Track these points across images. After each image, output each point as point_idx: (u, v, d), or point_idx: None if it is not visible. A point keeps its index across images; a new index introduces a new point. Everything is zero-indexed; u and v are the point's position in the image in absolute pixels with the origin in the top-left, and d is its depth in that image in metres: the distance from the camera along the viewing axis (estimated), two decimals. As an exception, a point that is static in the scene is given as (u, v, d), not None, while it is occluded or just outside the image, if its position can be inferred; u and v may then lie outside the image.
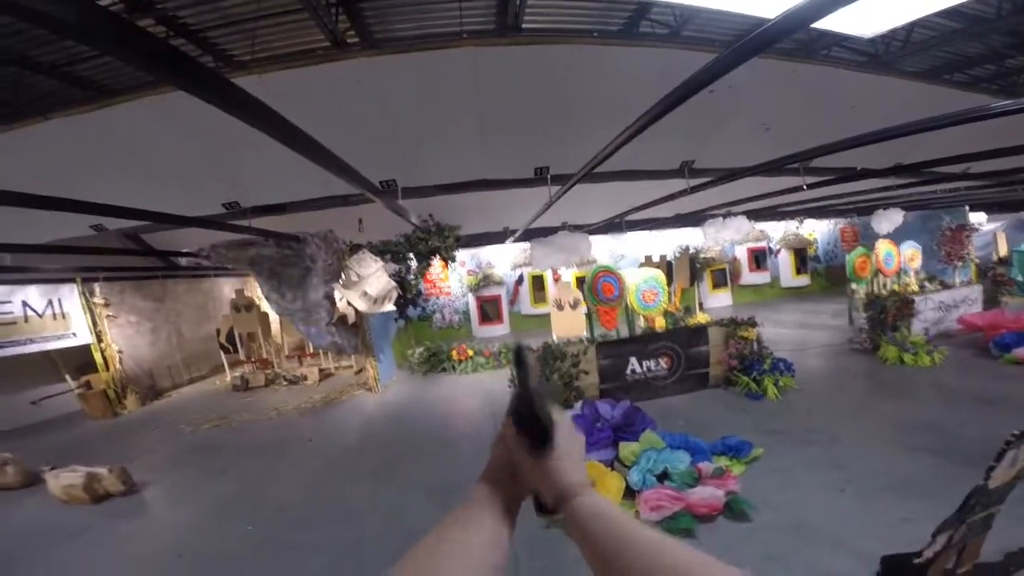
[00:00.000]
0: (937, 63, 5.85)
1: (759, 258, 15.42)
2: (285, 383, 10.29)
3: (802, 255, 15.43)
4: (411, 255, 7.80)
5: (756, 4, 3.26)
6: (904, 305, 8.59)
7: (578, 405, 5.70)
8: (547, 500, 0.73)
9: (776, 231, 15.62)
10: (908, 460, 4.55)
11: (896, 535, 3.28)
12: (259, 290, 9.60)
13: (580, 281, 12.73)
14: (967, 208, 12.85)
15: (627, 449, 4.72)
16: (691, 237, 13.85)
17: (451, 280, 12.52)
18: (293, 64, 3.97)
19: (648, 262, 12.76)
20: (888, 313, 8.50)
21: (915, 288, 9.25)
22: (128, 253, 7.63)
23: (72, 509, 5.32)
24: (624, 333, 7.45)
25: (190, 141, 4.84)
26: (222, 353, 11.18)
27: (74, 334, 9.36)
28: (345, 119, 4.56)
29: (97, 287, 9.74)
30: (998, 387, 6.40)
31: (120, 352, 10.02)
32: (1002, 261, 13.09)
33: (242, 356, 11.19)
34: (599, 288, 7.37)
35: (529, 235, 9.62)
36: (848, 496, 4.07)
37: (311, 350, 10.97)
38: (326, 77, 4.07)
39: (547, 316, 12.26)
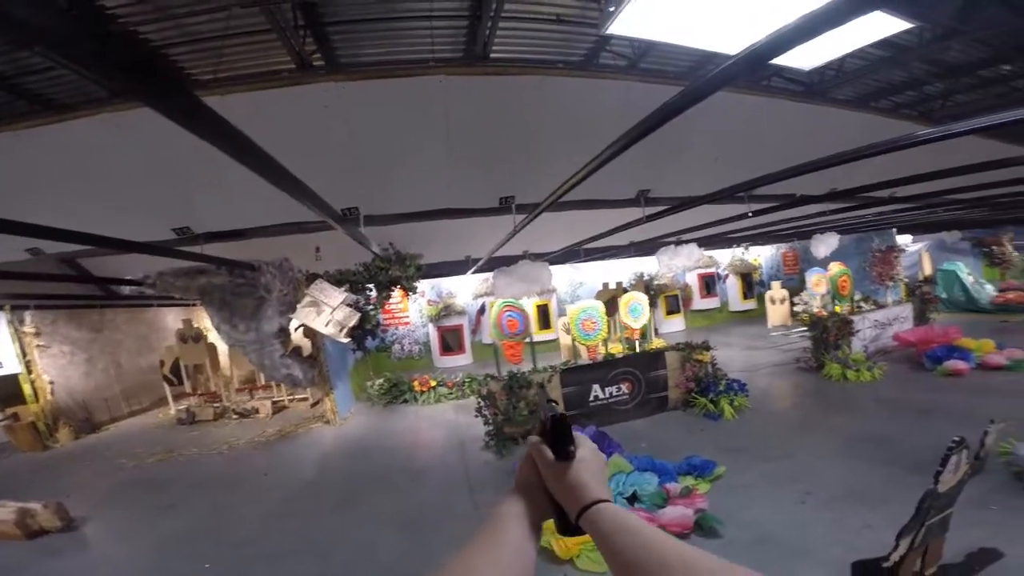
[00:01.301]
0: (866, 91, 6.37)
1: (709, 284, 16.05)
2: (236, 416, 9.77)
3: (748, 280, 16.16)
4: (370, 285, 7.64)
5: (711, 39, 3.50)
6: (843, 325, 9.11)
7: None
8: (571, 514, 0.74)
9: (724, 257, 16.25)
10: (861, 470, 4.79)
11: (859, 541, 3.44)
12: (208, 320, 9.17)
13: (540, 309, 12.90)
14: (895, 231, 13.86)
15: None
16: (645, 265, 14.25)
17: (411, 310, 12.38)
18: (257, 85, 3.90)
19: (605, 289, 13.04)
20: (830, 333, 8.99)
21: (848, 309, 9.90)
22: (64, 280, 7.13)
23: (2, 545, 4.91)
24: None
25: (140, 162, 4.63)
26: (166, 385, 10.55)
27: (0, 364, 8.71)
28: (309, 144, 4.49)
29: (28, 315, 9.11)
30: (934, 398, 6.86)
31: (51, 383, 9.37)
32: (928, 280, 14.11)
33: (188, 388, 10.57)
34: (503, 323, 7.38)
35: (491, 264, 9.69)
36: (809, 507, 4.23)
37: (263, 382, 10.49)
38: (291, 100, 4.02)
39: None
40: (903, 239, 15.05)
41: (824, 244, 11.02)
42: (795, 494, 4.48)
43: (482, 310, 12.52)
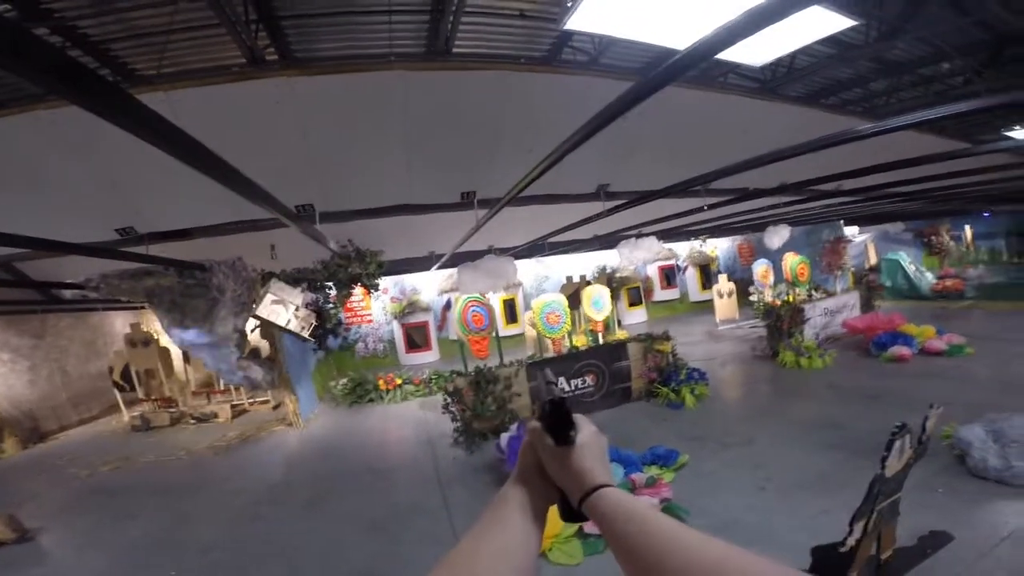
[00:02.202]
0: (815, 88, 6.61)
1: (669, 276, 16.47)
2: (193, 422, 9.41)
3: (706, 271, 16.59)
4: (330, 283, 7.46)
5: (664, 35, 3.55)
6: (796, 313, 9.48)
7: (513, 427, 5.69)
8: (573, 500, 0.73)
9: (683, 250, 16.65)
10: (816, 455, 4.99)
11: (819, 526, 3.56)
12: (158, 324, 8.76)
13: (507, 303, 12.92)
14: (842, 222, 14.46)
15: None
16: (608, 258, 14.43)
17: (374, 308, 12.17)
18: (205, 81, 3.72)
19: (569, 283, 13.17)
20: (783, 321, 9.33)
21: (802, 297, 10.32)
22: (0, 285, 6.68)
23: None
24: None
25: (80, 160, 4.37)
26: (117, 392, 10.05)
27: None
28: (261, 140, 4.32)
29: (-40, 323, 8.50)
30: (880, 383, 7.22)
31: (-8, 392, 8.78)
32: (873, 269, 14.86)
33: (140, 394, 10.11)
34: (469, 318, 7.41)
35: (455, 260, 9.62)
36: (769, 493, 4.38)
37: (221, 386, 10.13)
38: (241, 95, 3.85)
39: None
40: (850, 230, 15.73)
41: (777, 236, 11.42)
42: (756, 480, 4.64)
43: (447, 306, 12.42)
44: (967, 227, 17.67)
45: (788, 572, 0.50)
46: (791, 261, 10.63)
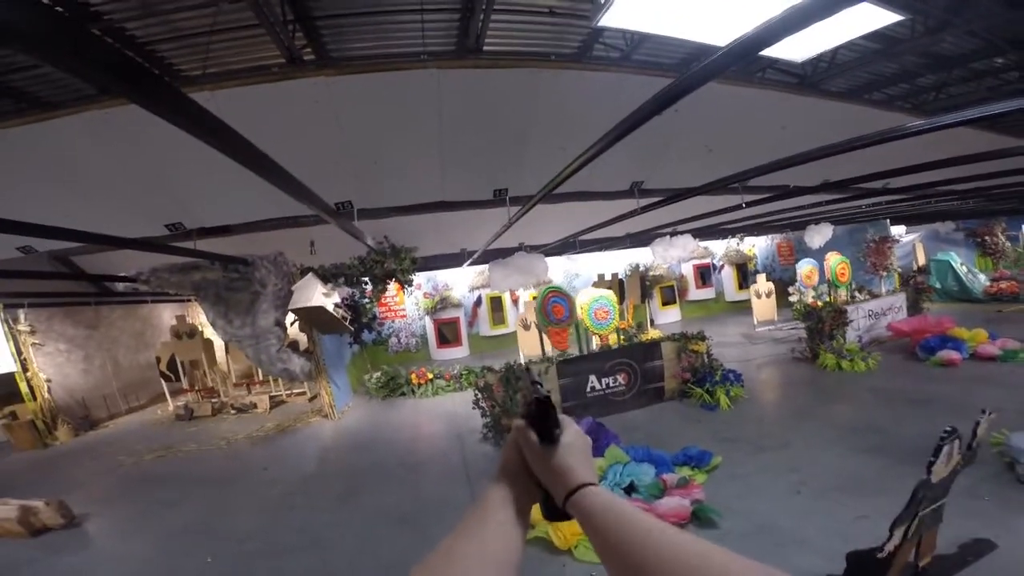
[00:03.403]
0: (859, 83, 6.36)
1: (704, 274, 16.12)
2: (233, 412, 9.77)
3: (743, 270, 16.18)
4: (366, 279, 7.64)
5: (702, 31, 3.49)
6: (838, 315, 9.16)
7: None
8: (558, 498, 0.74)
9: (719, 248, 16.31)
10: (855, 460, 4.83)
11: (854, 532, 3.45)
12: (203, 316, 9.14)
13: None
14: (888, 221, 13.89)
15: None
16: (640, 256, 14.27)
17: (407, 303, 12.38)
18: (247, 81, 3.87)
19: (601, 281, 13.08)
20: (824, 323, 9.03)
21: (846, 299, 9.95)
22: (58, 277, 7.11)
23: (6, 543, 4.94)
24: (576, 352, 7.60)
25: (132, 158, 4.60)
26: (163, 382, 10.55)
27: (-5, 362, 8.68)
28: (300, 138, 4.47)
29: (22, 313, 9.09)
30: (927, 388, 6.91)
31: (48, 381, 9.37)
32: (921, 270, 14.10)
33: (185, 385, 10.57)
34: (549, 309, 7.53)
35: (487, 257, 9.68)
36: (804, 497, 4.26)
37: (260, 377, 10.50)
38: (281, 95, 3.99)
39: (506, 337, 12.44)
40: (897, 230, 15.09)
41: (818, 234, 11.07)
42: (791, 484, 4.52)
43: (478, 302, 12.54)
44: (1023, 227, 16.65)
45: (771, 572, 0.49)
46: (832, 261, 10.28)
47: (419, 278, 12.13)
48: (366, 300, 7.76)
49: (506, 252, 9.58)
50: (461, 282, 12.72)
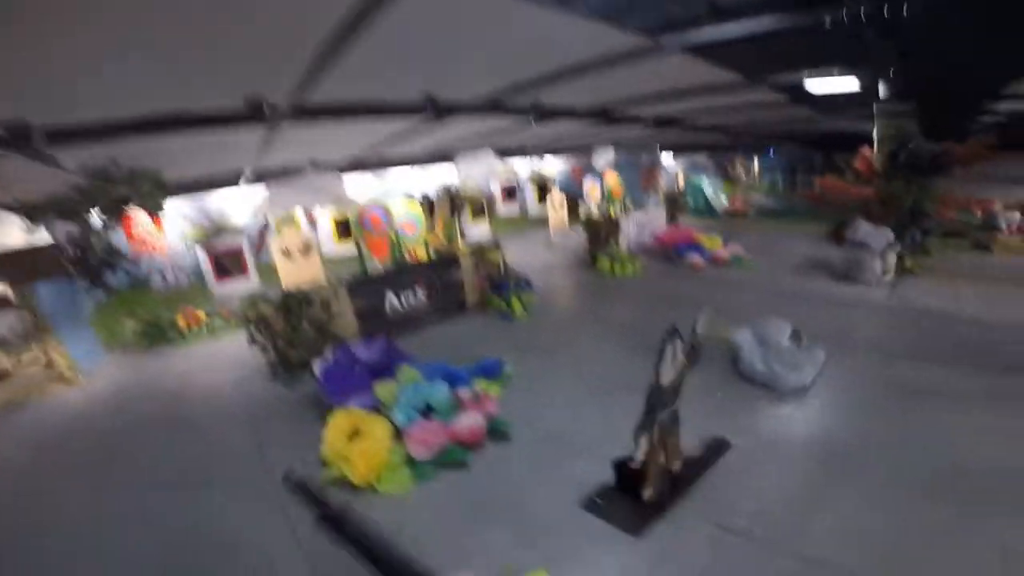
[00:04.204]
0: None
1: (510, 191, 17.30)
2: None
3: (544, 188, 17.28)
4: (92, 210, 5.97)
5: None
6: (613, 225, 10.43)
7: (328, 353, 5.31)
8: None
9: (523, 169, 17.27)
10: (628, 361, 5.35)
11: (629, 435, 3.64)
12: None
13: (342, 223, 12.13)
14: (659, 148, 15.95)
15: (384, 389, 4.58)
16: (450, 174, 14.18)
17: (169, 234, 10.31)
18: None
19: (410, 198, 12.75)
20: (602, 232, 10.19)
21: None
22: None
23: None
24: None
25: None
26: None
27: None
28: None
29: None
30: (679, 287, 8.32)
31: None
32: (680, 191, 17.15)
33: None
34: (367, 219, 7.55)
35: (272, 177, 8.43)
36: (588, 402, 4.67)
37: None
38: None
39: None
40: (666, 159, 17.52)
41: (603, 157, 12.25)
42: (576, 391, 4.92)
43: (265, 227, 11.06)
44: (755, 160, 20.86)
45: None
46: (608, 179, 11.63)
47: (184, 203, 10.22)
48: (93, 236, 6.17)
49: (294, 171, 8.44)
50: (240, 206, 10.97)
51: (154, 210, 6.21)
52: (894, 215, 7.57)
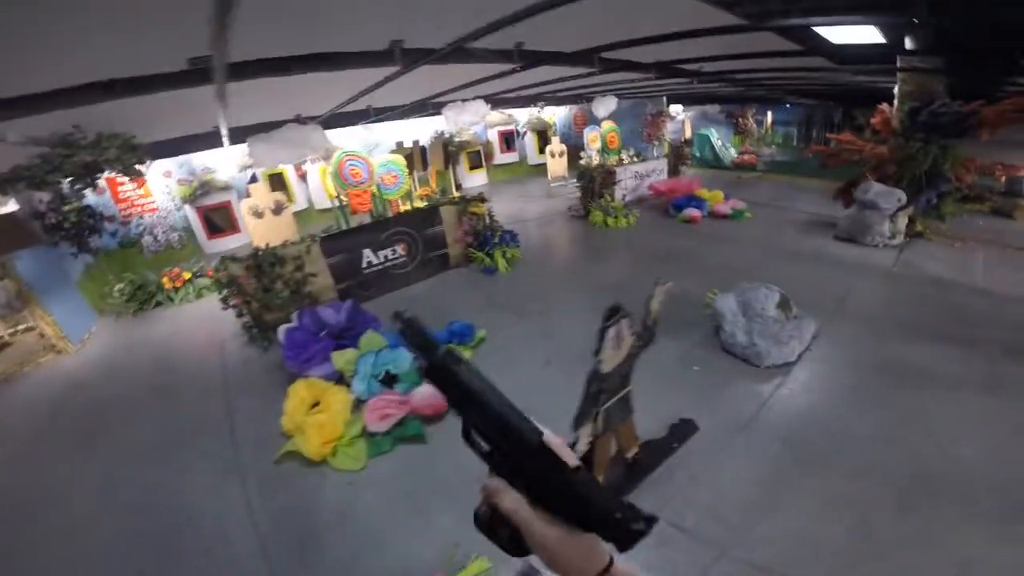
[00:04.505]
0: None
1: (509, 140, 16.62)
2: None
3: (544, 136, 16.72)
4: (60, 179, 5.71)
5: None
6: (607, 175, 10.01)
7: (294, 315, 5.17)
8: None
9: (522, 116, 16.60)
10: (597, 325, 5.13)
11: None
12: None
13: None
14: (665, 99, 15.18)
15: (341, 359, 4.44)
16: (443, 123, 13.64)
17: (156, 194, 10.09)
18: None
19: (400, 148, 12.30)
20: (595, 182, 9.78)
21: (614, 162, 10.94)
22: None
23: None
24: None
25: None
26: None
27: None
28: None
29: None
30: (673, 243, 7.95)
31: None
32: (687, 142, 16.51)
33: None
34: (346, 173, 7.17)
35: (249, 132, 8.07)
36: (556, 369, 4.47)
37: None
38: None
39: (299, 213, 11.14)
40: (675, 108, 16.79)
41: (603, 106, 11.61)
42: (544, 354, 4.74)
43: (253, 180, 10.77)
44: (769, 114, 19.93)
45: None
46: (604, 128, 11.11)
47: (169, 164, 9.98)
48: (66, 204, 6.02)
49: (277, 125, 8.08)
50: (227, 162, 10.66)
51: (130, 173, 5.92)
52: (908, 176, 7.09)
